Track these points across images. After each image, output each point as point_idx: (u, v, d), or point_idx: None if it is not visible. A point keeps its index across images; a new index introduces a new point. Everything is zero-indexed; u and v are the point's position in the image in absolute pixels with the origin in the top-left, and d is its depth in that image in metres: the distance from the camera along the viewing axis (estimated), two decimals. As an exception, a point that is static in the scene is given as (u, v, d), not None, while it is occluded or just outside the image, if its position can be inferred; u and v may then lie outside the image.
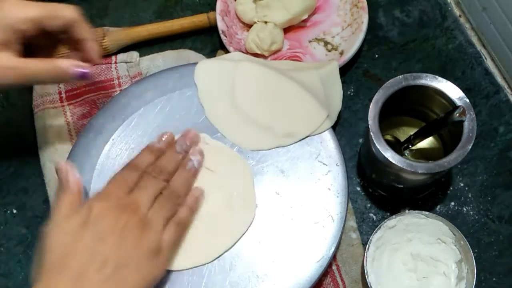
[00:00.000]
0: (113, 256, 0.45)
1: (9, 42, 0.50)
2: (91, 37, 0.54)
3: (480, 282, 0.60)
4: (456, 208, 0.63)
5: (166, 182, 0.54)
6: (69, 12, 0.53)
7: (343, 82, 0.66)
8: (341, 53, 0.68)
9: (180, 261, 0.56)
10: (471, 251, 0.55)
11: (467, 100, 0.54)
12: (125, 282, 0.45)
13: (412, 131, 0.61)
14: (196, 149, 0.59)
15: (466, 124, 0.53)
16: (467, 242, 0.56)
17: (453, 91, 0.54)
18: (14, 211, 0.65)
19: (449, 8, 0.72)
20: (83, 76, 0.52)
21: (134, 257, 0.46)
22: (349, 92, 0.68)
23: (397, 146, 0.61)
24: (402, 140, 0.61)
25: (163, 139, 0.58)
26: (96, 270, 0.44)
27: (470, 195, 0.63)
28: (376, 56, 0.70)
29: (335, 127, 0.65)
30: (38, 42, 0.54)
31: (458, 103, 0.54)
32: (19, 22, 0.50)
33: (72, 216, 0.47)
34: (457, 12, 0.73)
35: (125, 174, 0.53)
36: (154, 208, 0.50)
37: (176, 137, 0.60)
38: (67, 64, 0.51)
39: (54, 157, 0.64)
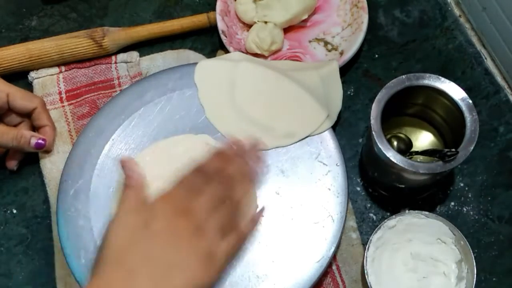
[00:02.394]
0: (164, 258, 0.46)
1: None
2: (50, 126, 0.64)
3: (480, 282, 0.60)
4: (456, 208, 0.63)
5: (230, 191, 0.53)
6: (34, 103, 0.63)
7: (343, 82, 0.66)
8: (341, 53, 0.68)
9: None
10: (471, 251, 0.55)
11: (470, 101, 0.54)
12: (173, 284, 0.46)
13: (414, 131, 0.62)
14: (261, 160, 0.57)
15: (468, 125, 0.53)
16: (467, 242, 0.56)
17: (456, 92, 0.54)
18: (14, 211, 0.65)
19: (449, 8, 0.72)
20: (38, 146, 0.63)
21: (185, 261, 0.47)
22: (349, 92, 0.68)
23: (401, 144, 0.61)
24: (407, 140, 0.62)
25: (233, 146, 0.56)
26: (148, 270, 0.45)
27: (470, 195, 0.63)
28: (376, 56, 0.70)
29: (335, 127, 0.65)
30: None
31: (461, 103, 0.54)
32: None
33: (134, 213, 0.48)
34: (457, 12, 0.72)
35: (191, 178, 0.52)
36: (213, 216, 0.50)
37: (187, 136, 0.59)
38: (29, 134, 0.62)
39: (54, 158, 0.64)
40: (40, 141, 0.62)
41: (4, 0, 0.75)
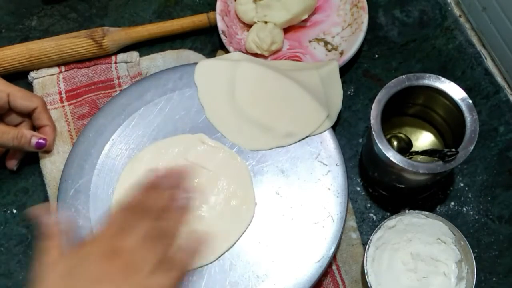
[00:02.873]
0: None
1: None
2: (51, 126, 0.64)
3: (480, 282, 0.60)
4: (456, 208, 0.63)
5: (156, 221, 0.50)
6: (34, 103, 0.63)
7: (343, 82, 0.66)
8: (341, 53, 0.68)
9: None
10: (471, 251, 0.55)
11: (470, 101, 0.54)
12: None
13: (414, 131, 0.62)
14: (186, 185, 0.54)
15: (468, 125, 0.53)
16: (467, 242, 0.56)
17: (456, 92, 0.54)
18: (14, 211, 0.65)
19: (449, 8, 0.72)
20: (39, 146, 0.63)
21: None
22: (349, 92, 0.68)
23: (401, 144, 0.61)
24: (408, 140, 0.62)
25: (153, 176, 0.54)
26: None
27: (470, 195, 0.63)
28: (376, 56, 0.70)
29: (335, 127, 0.65)
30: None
31: (461, 103, 0.54)
32: None
33: (57, 264, 0.46)
34: (457, 12, 0.72)
35: (119, 216, 0.50)
36: (143, 249, 0.47)
37: (183, 136, 0.58)
38: (30, 133, 0.62)
39: (54, 157, 0.64)
40: (40, 140, 0.62)
41: (4, 0, 0.75)
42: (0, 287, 0.62)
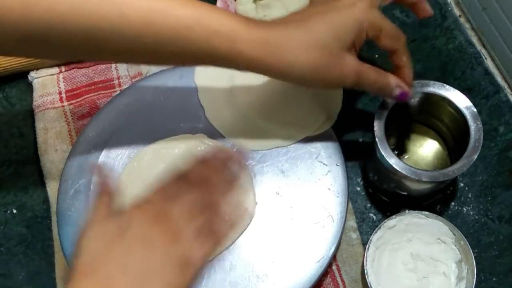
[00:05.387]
0: (140, 266, 0.45)
1: (354, 44, 0.51)
2: (408, 65, 0.55)
3: (480, 282, 0.60)
4: (456, 208, 0.63)
5: (210, 198, 0.52)
6: (400, 41, 0.54)
7: (343, 82, 0.65)
8: (341, 53, 0.67)
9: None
10: (471, 251, 0.55)
11: (475, 110, 0.53)
12: None
13: (417, 138, 0.62)
14: (236, 160, 0.55)
15: (472, 134, 0.52)
16: (467, 242, 0.56)
17: (461, 100, 0.54)
18: (14, 211, 0.65)
19: (449, 8, 0.72)
20: (402, 97, 0.54)
21: (161, 268, 0.46)
22: (349, 92, 0.68)
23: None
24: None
25: (219, 153, 0.55)
26: (123, 278, 0.45)
27: (470, 195, 0.63)
28: (376, 56, 0.70)
29: (335, 127, 0.65)
30: None
31: (465, 111, 0.53)
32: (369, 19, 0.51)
33: (107, 221, 0.47)
34: (457, 12, 0.72)
35: (169, 185, 0.51)
36: (190, 221, 0.49)
37: (183, 136, 0.59)
38: (395, 82, 0.53)
39: (54, 157, 0.64)
40: (404, 92, 0.54)
41: (4, 0, 0.75)
42: (0, 287, 0.62)
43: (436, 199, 0.63)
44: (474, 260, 0.55)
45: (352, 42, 0.51)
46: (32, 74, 0.68)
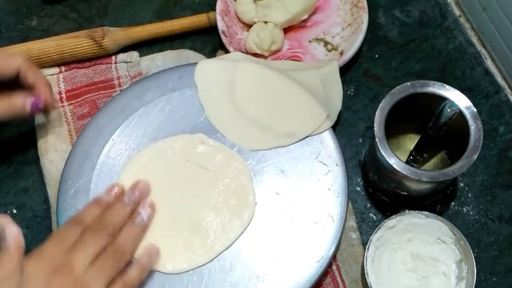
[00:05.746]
0: None
1: None
2: (40, 81, 0.57)
3: (480, 282, 0.60)
4: (456, 208, 0.63)
5: (112, 237, 0.50)
6: (16, 62, 0.55)
7: (343, 82, 0.66)
8: (341, 53, 0.68)
9: (180, 264, 0.56)
10: (471, 251, 0.55)
11: (475, 110, 0.53)
12: None
13: (417, 138, 0.61)
14: (146, 201, 0.55)
15: (472, 134, 0.52)
16: (467, 242, 0.56)
17: (461, 100, 0.54)
18: (14, 211, 0.65)
19: (449, 8, 0.72)
20: (35, 107, 0.56)
21: None
22: (349, 92, 0.68)
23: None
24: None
25: (112, 191, 0.54)
26: None
27: (470, 195, 0.63)
28: (376, 56, 0.70)
29: (335, 127, 0.65)
30: None
31: (465, 112, 0.53)
32: None
33: (4, 280, 0.44)
34: (457, 12, 0.73)
35: (65, 230, 0.49)
36: (94, 267, 0.46)
37: (183, 136, 0.57)
38: (20, 98, 0.55)
39: (54, 157, 0.64)
40: (34, 100, 0.55)
41: (4, 0, 0.75)
42: (0, 287, 0.62)
43: (436, 199, 0.63)
44: (474, 260, 0.55)
45: None
46: (32, 74, 0.68)
